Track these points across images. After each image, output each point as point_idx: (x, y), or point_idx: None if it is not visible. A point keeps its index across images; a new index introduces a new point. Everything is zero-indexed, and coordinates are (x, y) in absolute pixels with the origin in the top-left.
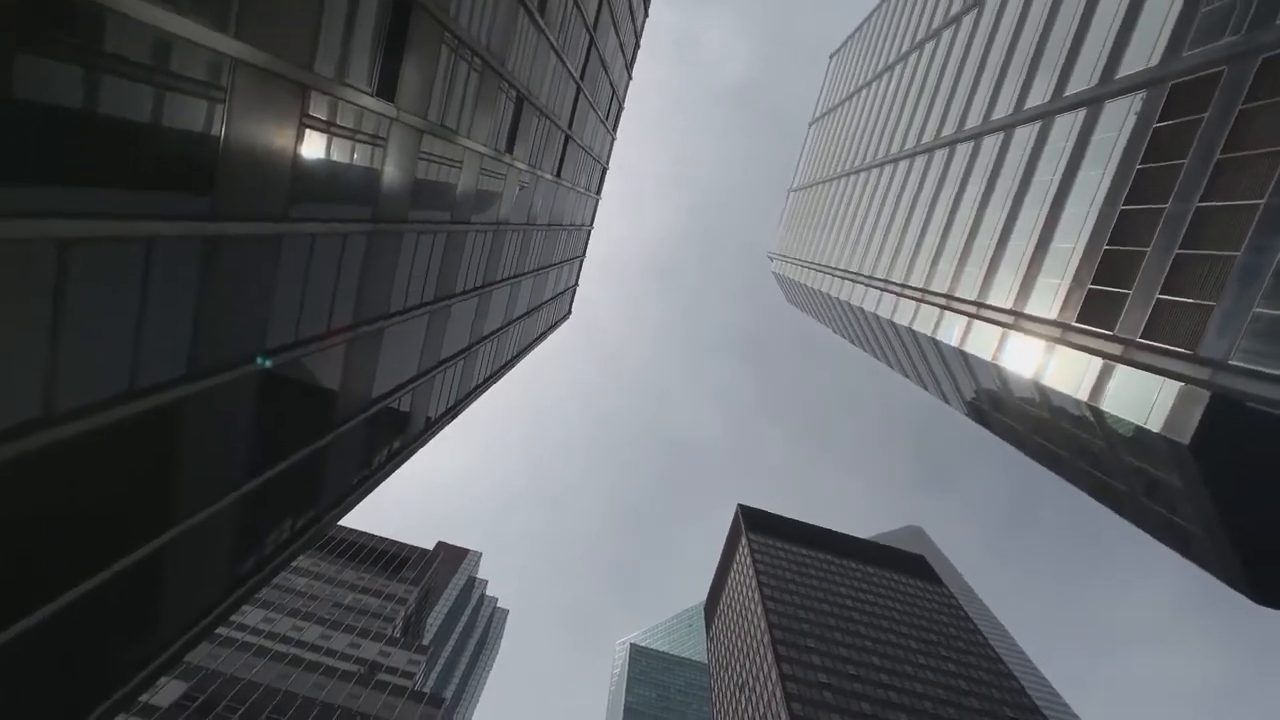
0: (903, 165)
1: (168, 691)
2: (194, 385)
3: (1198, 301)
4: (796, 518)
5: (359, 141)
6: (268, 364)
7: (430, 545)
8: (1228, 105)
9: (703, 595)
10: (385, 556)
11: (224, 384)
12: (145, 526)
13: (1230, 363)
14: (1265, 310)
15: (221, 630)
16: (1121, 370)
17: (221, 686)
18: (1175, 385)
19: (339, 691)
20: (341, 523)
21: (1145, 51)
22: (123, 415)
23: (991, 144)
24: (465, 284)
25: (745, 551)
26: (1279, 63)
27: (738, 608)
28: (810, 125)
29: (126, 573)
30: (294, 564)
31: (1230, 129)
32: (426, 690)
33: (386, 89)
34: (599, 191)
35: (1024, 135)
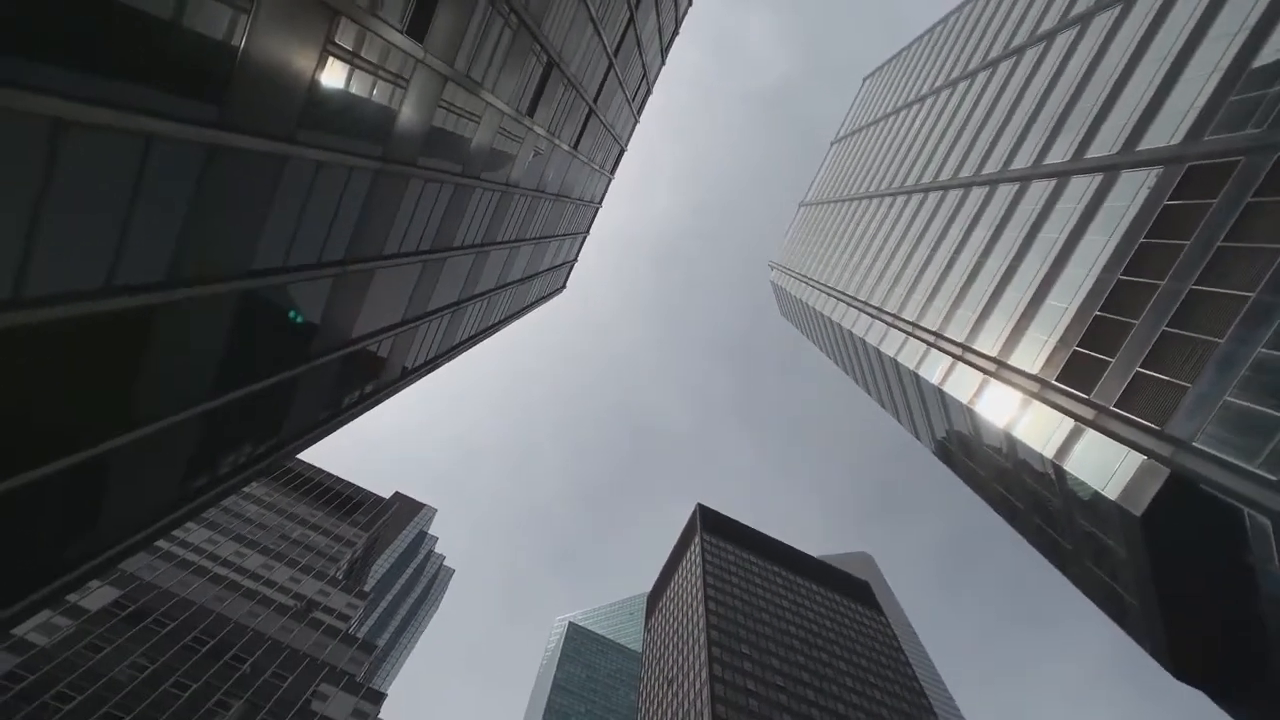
0: (915, 198)
1: (99, 596)
2: (171, 293)
3: (1174, 380)
4: (752, 525)
5: (380, 78)
6: (298, 321)
7: (388, 494)
8: (1238, 195)
9: (647, 585)
10: (340, 498)
11: (202, 297)
12: (102, 426)
13: (1194, 444)
14: (1236, 400)
15: (162, 543)
16: (1090, 435)
17: (154, 600)
18: (1138, 458)
19: (272, 622)
20: (302, 457)
21: (1169, 129)
22: (94, 311)
23: (1006, 193)
24: (464, 239)
25: (697, 550)
26: None
27: (680, 604)
28: (833, 143)
29: (76, 468)
30: (247, 490)
31: (1236, 218)
32: (360, 636)
33: (417, 29)
34: (613, 171)
35: (1039, 189)
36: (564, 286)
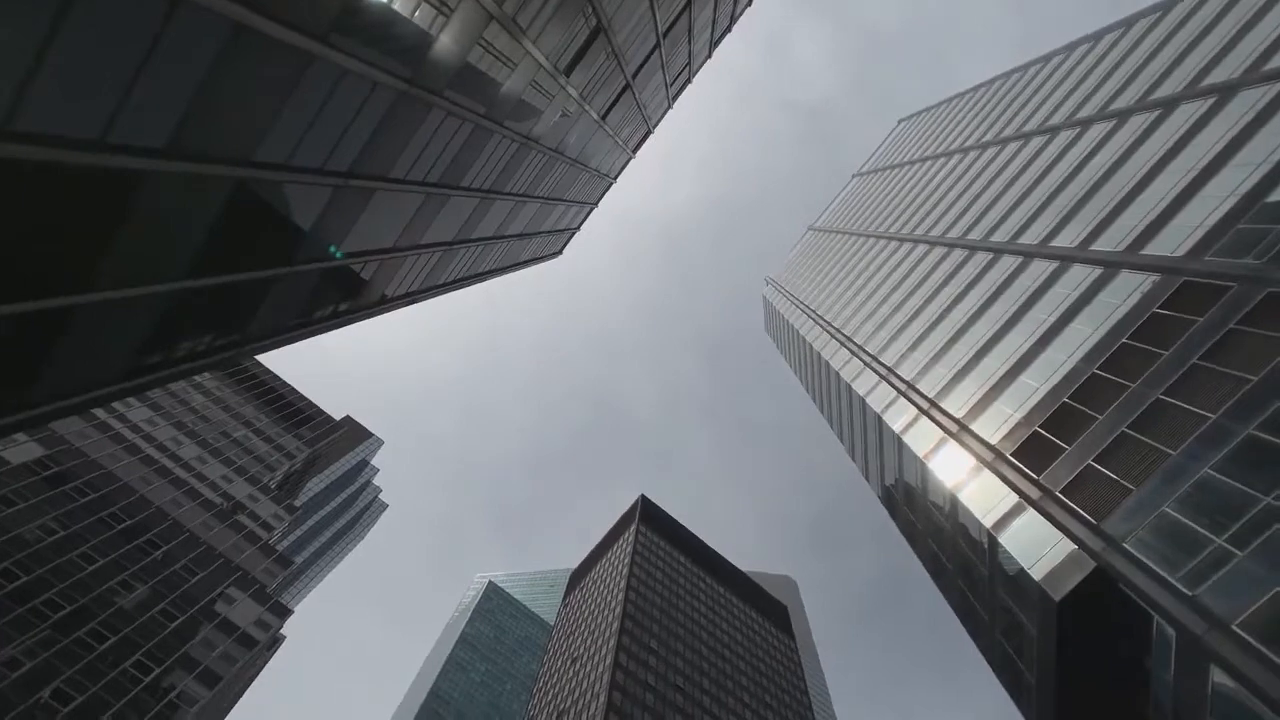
0: (920, 249)
1: (23, 450)
2: (167, 164)
3: (1121, 480)
4: (689, 525)
5: (426, 0)
6: (339, 255)
7: (340, 415)
8: (1222, 319)
9: (573, 562)
10: (290, 409)
11: (198, 175)
12: (68, 280)
13: (1124, 545)
14: (1173, 512)
15: (100, 413)
16: (1030, 514)
17: (79, 467)
18: (1069, 546)
19: (194, 516)
20: (262, 359)
21: (1176, 240)
22: (84, 163)
23: (1008, 264)
24: (472, 181)
25: (630, 539)
26: (1278, 299)
27: (601, 587)
28: (854, 175)
29: (31, 315)
30: (198, 379)
31: (1215, 341)
32: (279, 549)
33: None
34: (635, 150)
35: (1039, 268)
36: (560, 252)
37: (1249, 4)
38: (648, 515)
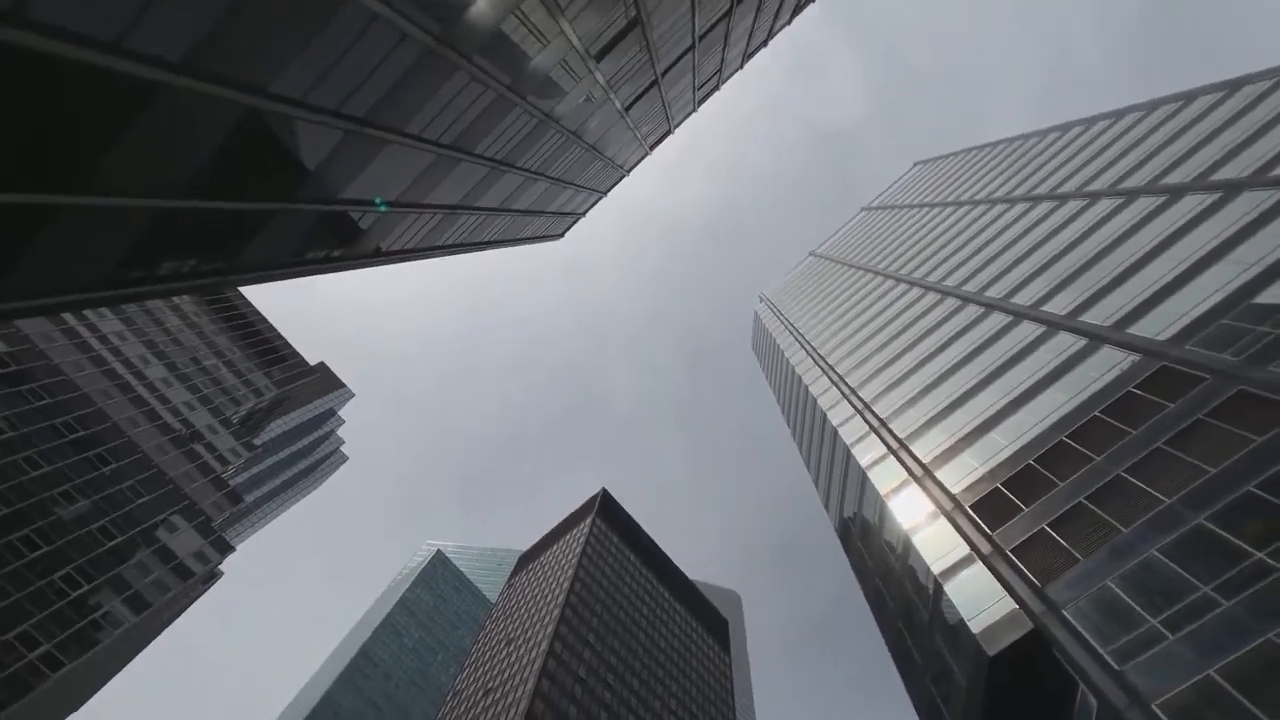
0: (915, 291)
1: None
2: (181, 79)
3: (1070, 549)
4: (647, 523)
5: None
6: (383, 208)
7: (314, 360)
8: (1191, 409)
9: (526, 544)
10: (266, 346)
11: (211, 95)
12: (62, 178)
13: (1063, 611)
14: (1114, 588)
15: (70, 318)
16: (978, 567)
17: (39, 370)
18: (1011, 604)
19: (149, 438)
20: (246, 292)
21: (1162, 324)
22: (96, 62)
23: (997, 321)
24: (486, 150)
25: (584, 530)
26: (1248, 398)
27: (548, 573)
28: (863, 209)
29: (19, 207)
30: (176, 300)
31: (1182, 429)
32: (231, 484)
33: None
34: (653, 148)
35: (1026, 330)
36: (562, 235)
37: (1269, 108)
38: (606, 509)
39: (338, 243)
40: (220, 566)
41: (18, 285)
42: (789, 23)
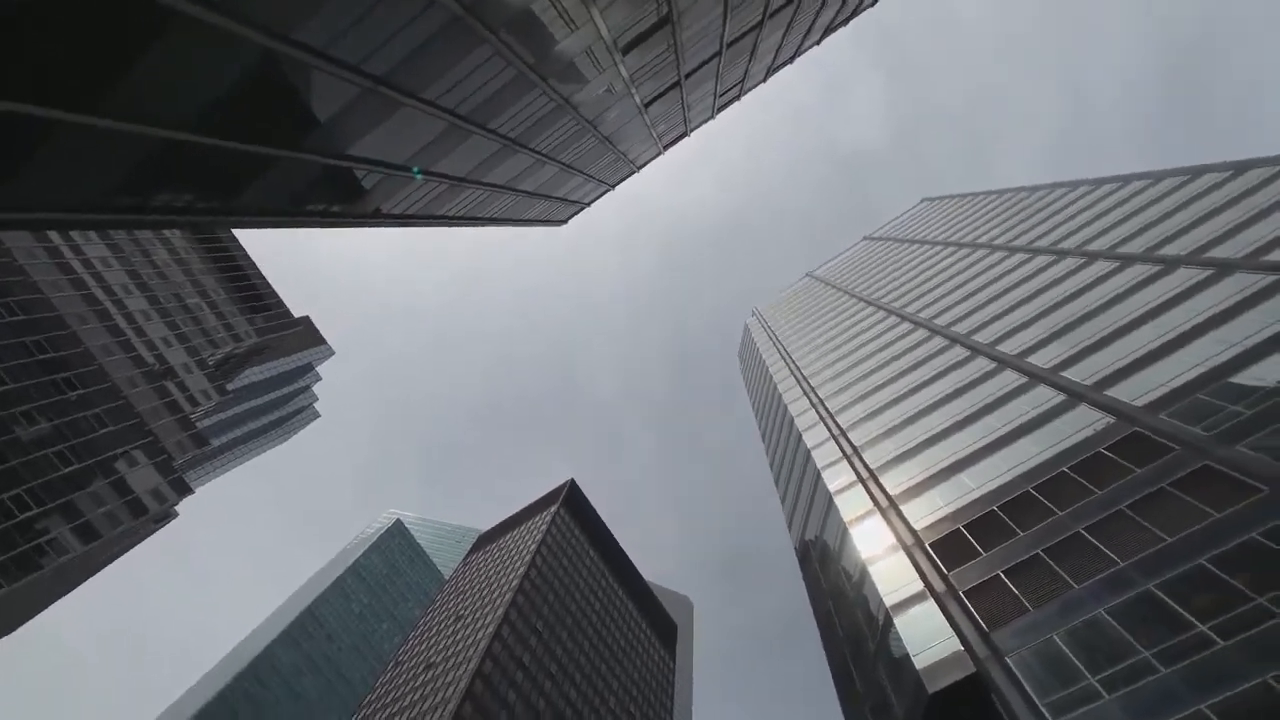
0: (905, 325)
1: None
2: (203, 12)
3: (1021, 599)
4: (611, 517)
5: None
6: (419, 176)
7: (300, 314)
8: (1157, 477)
9: (487, 524)
10: (252, 292)
11: (230, 32)
12: (63, 95)
13: (1006, 659)
14: (1059, 642)
15: (55, 236)
16: (930, 605)
17: (15, 285)
18: (956, 645)
19: (121, 369)
20: (240, 235)
21: (1140, 390)
22: None
23: (981, 366)
24: (500, 127)
25: (547, 518)
26: (1212, 473)
27: (505, 557)
28: (865, 238)
29: (17, 118)
30: (167, 234)
31: (1145, 495)
32: (199, 426)
33: None
34: (666, 148)
35: (1009, 378)
36: (565, 222)
37: (1271, 194)
38: (572, 501)
39: (338, 199)
40: (176, 508)
41: (5, 196)
42: (818, 42)
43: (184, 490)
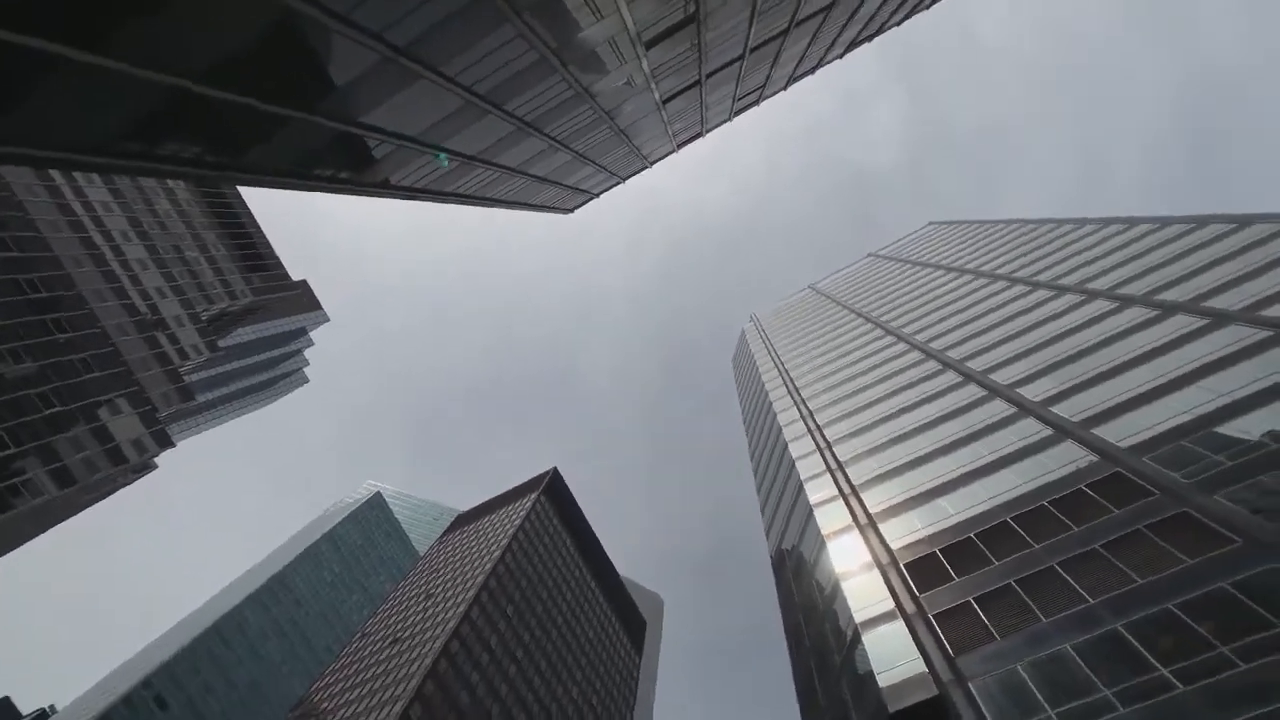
0: (901, 345)
1: None
2: None
3: (990, 627)
4: (590, 508)
5: None
6: (445, 162)
7: (299, 277)
8: (1133, 519)
9: (466, 505)
10: (252, 251)
11: None
12: (76, 32)
13: (969, 685)
14: (1022, 672)
15: (57, 176)
16: (898, 625)
17: (13, 221)
18: (921, 667)
19: (113, 315)
20: (245, 193)
21: (1126, 431)
22: None
23: (971, 393)
24: (517, 108)
25: (527, 504)
26: (1189, 520)
27: (481, 540)
28: (869, 255)
29: (27, 50)
30: (171, 184)
31: (1120, 535)
32: (186, 380)
33: None
34: (680, 146)
35: (998, 407)
36: (572, 210)
37: (1272, 250)
38: (553, 489)
39: (348, 165)
40: (156, 459)
41: (10, 130)
42: (841, 56)
43: (165, 443)
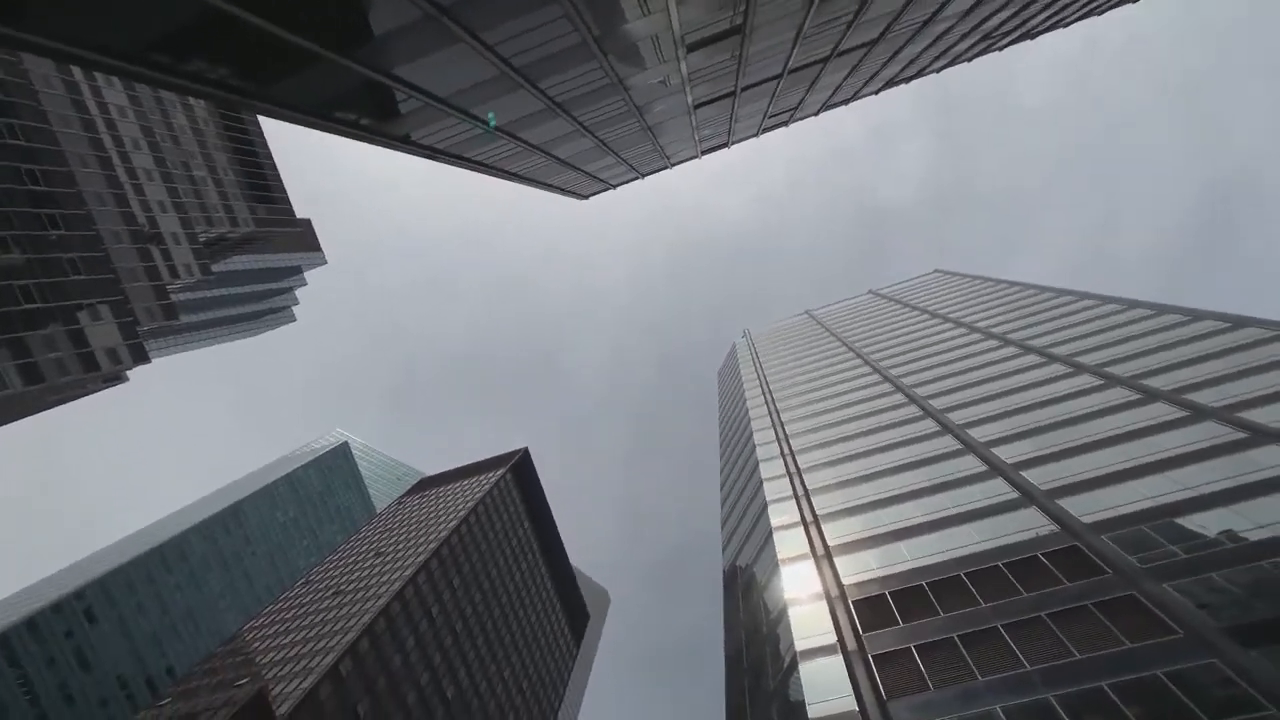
0: (886, 386)
1: None
2: None
3: (926, 675)
4: (555, 491)
5: None
6: (492, 121)
7: (303, 215)
8: (1084, 594)
9: (431, 470)
10: (261, 181)
11: None
12: None
13: None
14: None
15: (77, 73)
16: (837, 660)
17: (24, 110)
18: (852, 704)
19: (109, 220)
20: (263, 122)
21: (1089, 508)
22: None
23: (946, 443)
24: (549, 88)
25: (491, 480)
26: (1136, 604)
27: (439, 507)
28: (870, 291)
29: None
30: (191, 101)
31: (1069, 608)
32: (173, 298)
33: None
34: (704, 153)
35: (969, 462)
36: (586, 197)
37: (1259, 355)
38: (520, 469)
39: (372, 114)
40: (128, 372)
41: (37, 20)
42: (876, 93)
43: (141, 357)
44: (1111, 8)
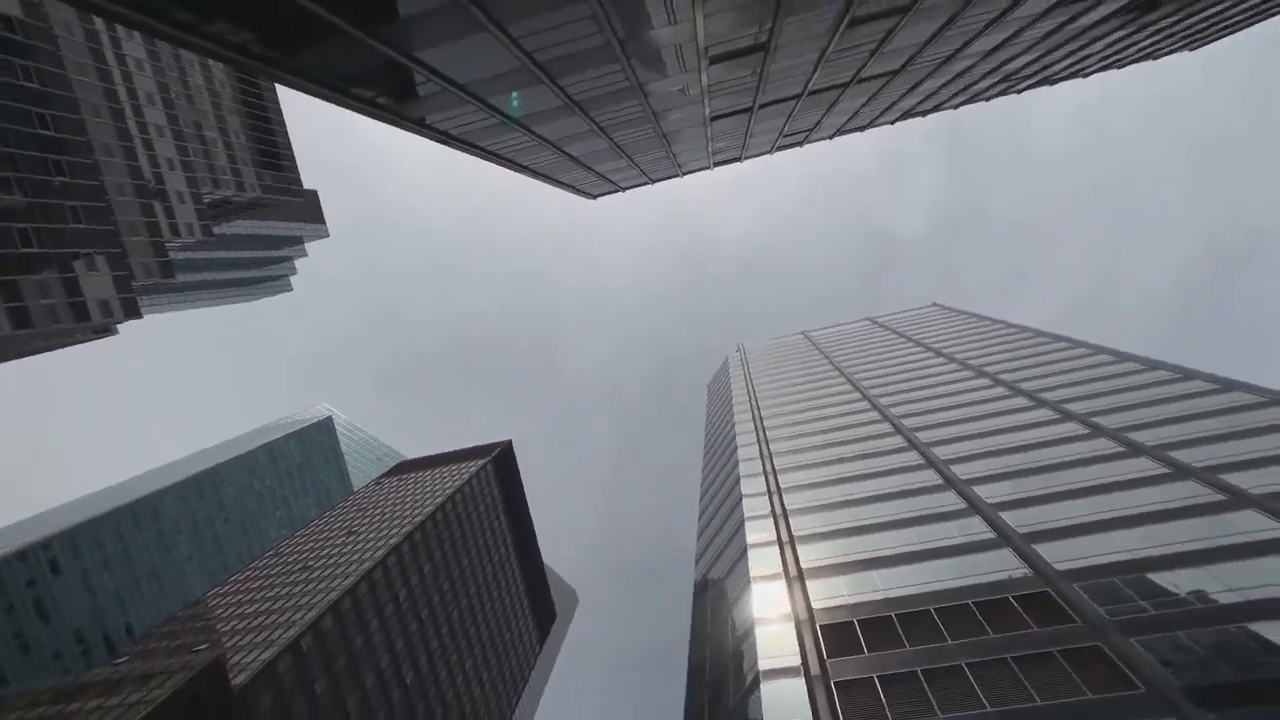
0: (874, 414)
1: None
2: None
3: (886, 707)
4: (535, 488)
5: None
6: (515, 105)
7: (310, 186)
8: (1051, 640)
9: (412, 453)
10: (271, 148)
11: None
12: None
13: None
14: None
15: (99, 24)
16: (799, 683)
17: (42, 53)
18: None
19: (115, 172)
20: (280, 91)
21: (1064, 555)
22: None
23: (928, 476)
24: (569, 86)
25: (471, 469)
26: (1101, 656)
27: (417, 490)
28: (868, 319)
29: None
30: (209, 62)
31: (1035, 653)
32: (172, 257)
33: None
34: (716, 165)
35: (948, 498)
36: (595, 197)
37: (1247, 419)
38: (501, 461)
39: (390, 94)
40: (119, 326)
41: None
42: (893, 123)
43: (133, 312)
44: (1132, 62)
